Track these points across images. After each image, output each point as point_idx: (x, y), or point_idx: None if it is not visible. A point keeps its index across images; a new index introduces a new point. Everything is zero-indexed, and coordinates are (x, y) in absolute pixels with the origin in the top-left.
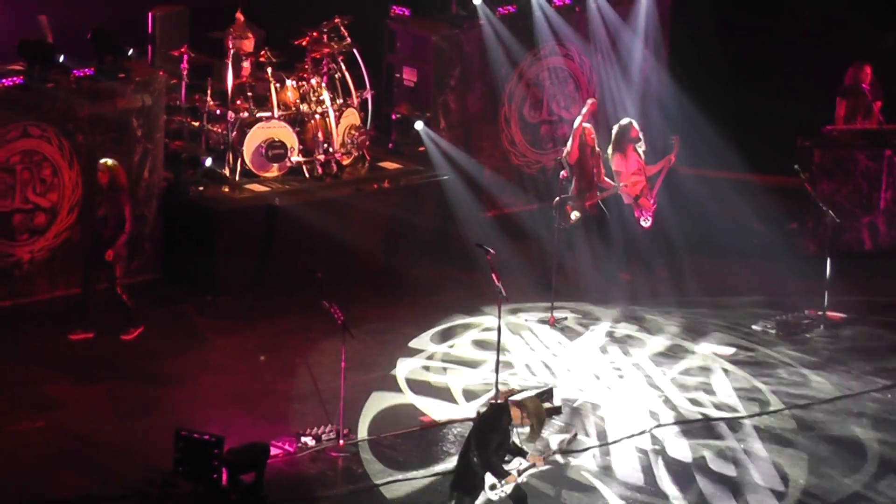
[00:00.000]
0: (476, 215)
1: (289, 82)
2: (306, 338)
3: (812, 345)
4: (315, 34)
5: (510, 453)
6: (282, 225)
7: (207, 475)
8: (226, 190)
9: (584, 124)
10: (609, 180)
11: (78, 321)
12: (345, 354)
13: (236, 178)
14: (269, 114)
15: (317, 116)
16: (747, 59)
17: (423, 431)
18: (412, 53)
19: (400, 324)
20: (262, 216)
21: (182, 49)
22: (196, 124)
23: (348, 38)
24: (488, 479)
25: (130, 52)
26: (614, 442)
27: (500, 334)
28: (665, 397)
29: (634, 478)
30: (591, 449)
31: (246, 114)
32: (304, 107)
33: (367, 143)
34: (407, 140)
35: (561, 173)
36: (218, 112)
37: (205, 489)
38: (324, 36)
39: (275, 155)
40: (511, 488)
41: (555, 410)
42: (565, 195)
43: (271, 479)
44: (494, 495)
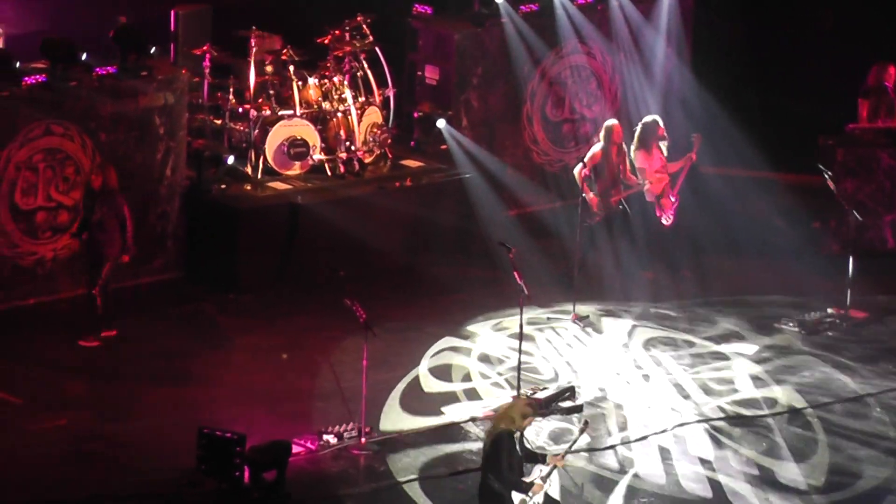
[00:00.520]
0: (498, 214)
1: (311, 80)
2: (328, 336)
3: (835, 343)
4: (337, 32)
5: (528, 462)
6: (304, 223)
7: (230, 473)
8: (248, 188)
9: (610, 122)
10: (634, 177)
11: (88, 327)
12: (367, 353)
13: (258, 177)
14: (291, 112)
15: (339, 114)
16: (770, 58)
17: (445, 428)
18: (434, 52)
19: (422, 322)
20: (285, 214)
21: (205, 47)
22: (218, 122)
23: (371, 37)
24: (516, 496)
25: (153, 50)
26: (636, 440)
27: (521, 332)
28: (687, 395)
29: (656, 476)
30: (612, 448)
31: (268, 112)
32: (326, 105)
33: (389, 141)
34: (429, 138)
35: (584, 172)
36: (240, 110)
37: (227, 487)
38: (346, 34)
39: (297, 153)
40: (542, 498)
41: (576, 409)
42: (588, 193)
43: (293, 476)
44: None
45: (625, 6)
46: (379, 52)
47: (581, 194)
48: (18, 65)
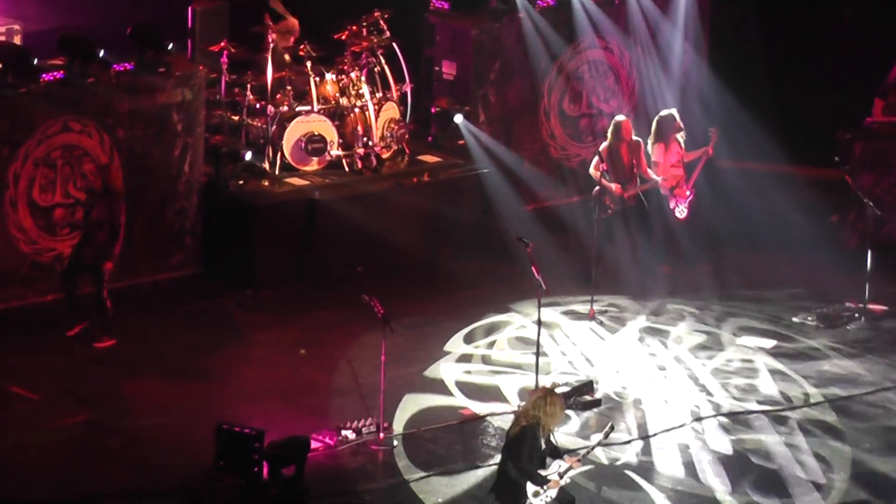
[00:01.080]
0: (516, 209)
1: (328, 76)
2: (346, 332)
3: (853, 336)
4: (355, 28)
5: (548, 457)
6: (321, 219)
7: (248, 469)
8: (265, 184)
9: (619, 118)
10: (651, 172)
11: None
12: (385, 348)
13: (276, 173)
14: (308, 108)
15: (356, 110)
16: (788, 52)
17: (463, 424)
18: (452, 47)
19: (440, 318)
20: (302, 210)
21: (222, 43)
22: (236, 119)
23: (388, 32)
24: (530, 487)
25: (170, 46)
26: (655, 435)
27: (539, 327)
28: (705, 390)
29: (675, 471)
30: (631, 443)
31: (286, 108)
32: (343, 101)
33: (406, 136)
34: (446, 134)
35: (601, 166)
36: (258, 106)
37: (246, 483)
38: (363, 30)
39: (314, 149)
40: (556, 492)
41: (594, 403)
42: (604, 187)
43: (312, 472)
44: (540, 502)
45: (642, 1)
46: (396, 47)
47: (594, 187)
48: (36, 61)
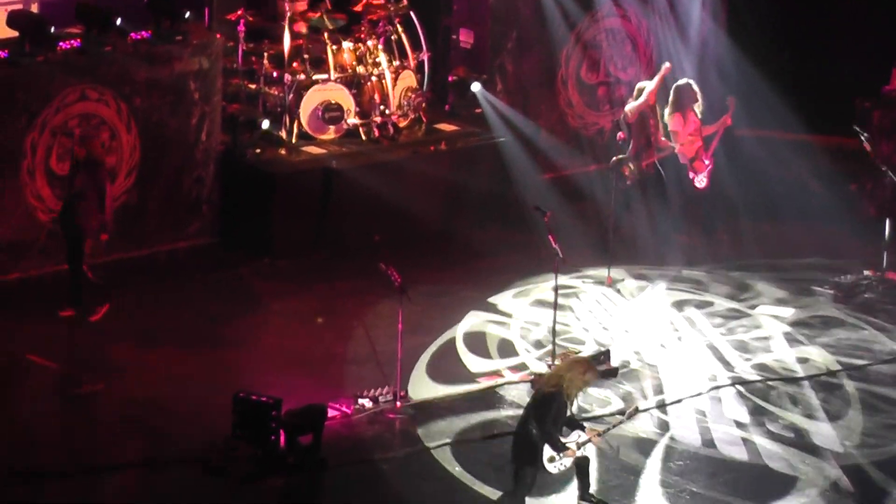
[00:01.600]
0: (533, 177)
1: (345, 44)
2: (363, 301)
3: (871, 305)
4: None
5: (567, 426)
6: (339, 188)
7: (265, 438)
8: (283, 153)
9: (640, 85)
10: (666, 140)
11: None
12: (402, 317)
13: (293, 141)
14: (325, 76)
15: (373, 79)
16: (806, 20)
17: (480, 392)
18: (469, 16)
19: (457, 287)
20: (319, 179)
21: (239, 12)
22: (253, 87)
23: (405, 0)
24: (547, 451)
25: (187, 15)
26: (672, 403)
27: (556, 295)
28: (722, 357)
29: (691, 438)
30: (648, 409)
31: (303, 76)
32: (360, 69)
33: (423, 105)
34: (464, 102)
35: (618, 134)
36: (275, 75)
37: (262, 452)
38: None
39: (331, 117)
40: (570, 461)
41: (611, 372)
42: (622, 156)
43: (329, 440)
44: (553, 468)
45: None
46: (413, 15)
47: (616, 157)
48: (53, 30)
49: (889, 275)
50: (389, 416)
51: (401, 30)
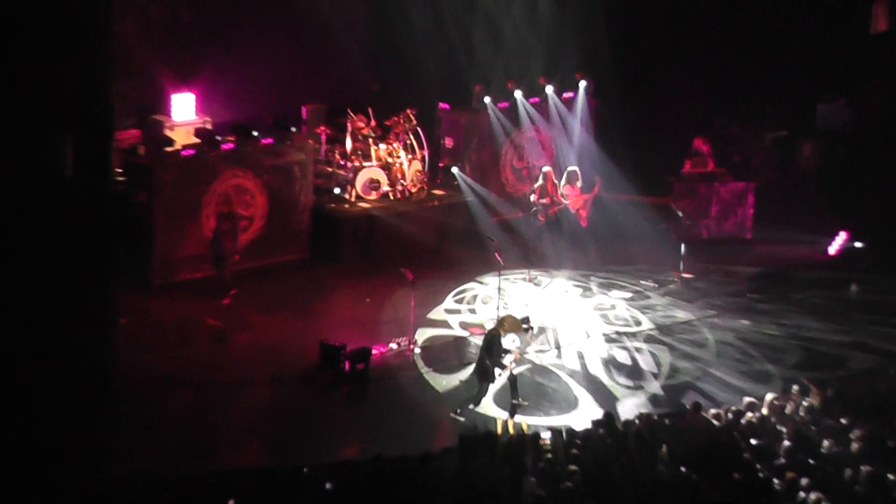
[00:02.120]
0: (487, 220)
1: (381, 146)
2: (391, 288)
3: (675, 291)
4: (396, 118)
5: (504, 353)
6: (377, 225)
7: (337, 365)
8: (346, 206)
9: (545, 168)
10: (563, 199)
11: (222, 292)
12: (413, 298)
13: (352, 200)
14: (370, 163)
15: (397, 165)
16: (638, 130)
17: (457, 339)
18: (451, 129)
19: (445, 281)
20: (366, 221)
21: (322, 127)
22: (330, 170)
23: (415, 121)
24: (497, 371)
25: (293, 129)
26: (566, 346)
27: (499, 286)
28: (591, 320)
29: (577, 367)
30: (550, 351)
31: (358, 163)
32: (390, 160)
33: (425, 180)
34: (448, 178)
35: (532, 197)
36: (342, 162)
37: (335, 373)
38: (401, 119)
39: (373, 187)
40: (507, 374)
41: (530, 327)
42: (536, 208)
43: (373, 367)
44: (497, 378)
45: (556, 103)
46: (420, 130)
47: (532, 209)
48: (219, 138)
49: (685, 273)
50: (406, 353)
51: (412, 137)
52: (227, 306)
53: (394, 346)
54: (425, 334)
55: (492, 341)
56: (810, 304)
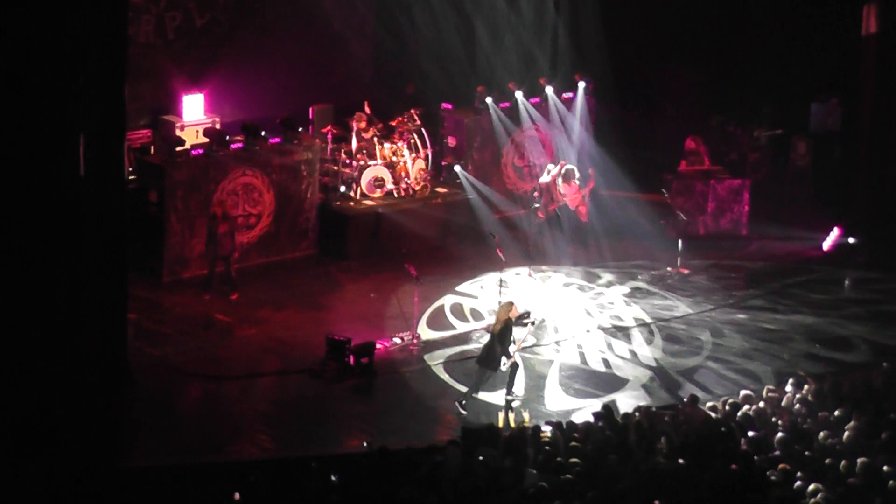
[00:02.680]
0: (489, 217)
1: (386, 145)
2: (396, 283)
3: (672, 285)
4: (401, 118)
5: (512, 342)
6: (383, 222)
7: (342, 359)
8: (352, 204)
9: (550, 166)
10: (561, 197)
11: (227, 288)
12: (417, 293)
13: (357, 198)
14: (375, 162)
15: (401, 163)
16: (634, 130)
17: (458, 334)
18: (454, 129)
19: (448, 276)
20: (372, 218)
21: (328, 127)
22: (335, 168)
23: (419, 121)
24: (504, 359)
25: (300, 129)
26: (562, 340)
27: (501, 280)
28: (590, 313)
29: (574, 361)
30: (548, 344)
31: (363, 162)
32: (394, 158)
33: (428, 178)
34: (451, 177)
35: (534, 194)
36: (348, 161)
37: (341, 366)
38: (406, 119)
39: (378, 185)
40: (510, 363)
41: (531, 322)
42: (537, 205)
43: (377, 361)
44: (503, 367)
45: (556, 103)
46: (423, 130)
47: (533, 205)
48: (228, 138)
49: (681, 269)
50: (410, 347)
51: (416, 137)
52: (235, 302)
53: (397, 340)
54: (427, 328)
55: (507, 327)
56: (807, 299)
